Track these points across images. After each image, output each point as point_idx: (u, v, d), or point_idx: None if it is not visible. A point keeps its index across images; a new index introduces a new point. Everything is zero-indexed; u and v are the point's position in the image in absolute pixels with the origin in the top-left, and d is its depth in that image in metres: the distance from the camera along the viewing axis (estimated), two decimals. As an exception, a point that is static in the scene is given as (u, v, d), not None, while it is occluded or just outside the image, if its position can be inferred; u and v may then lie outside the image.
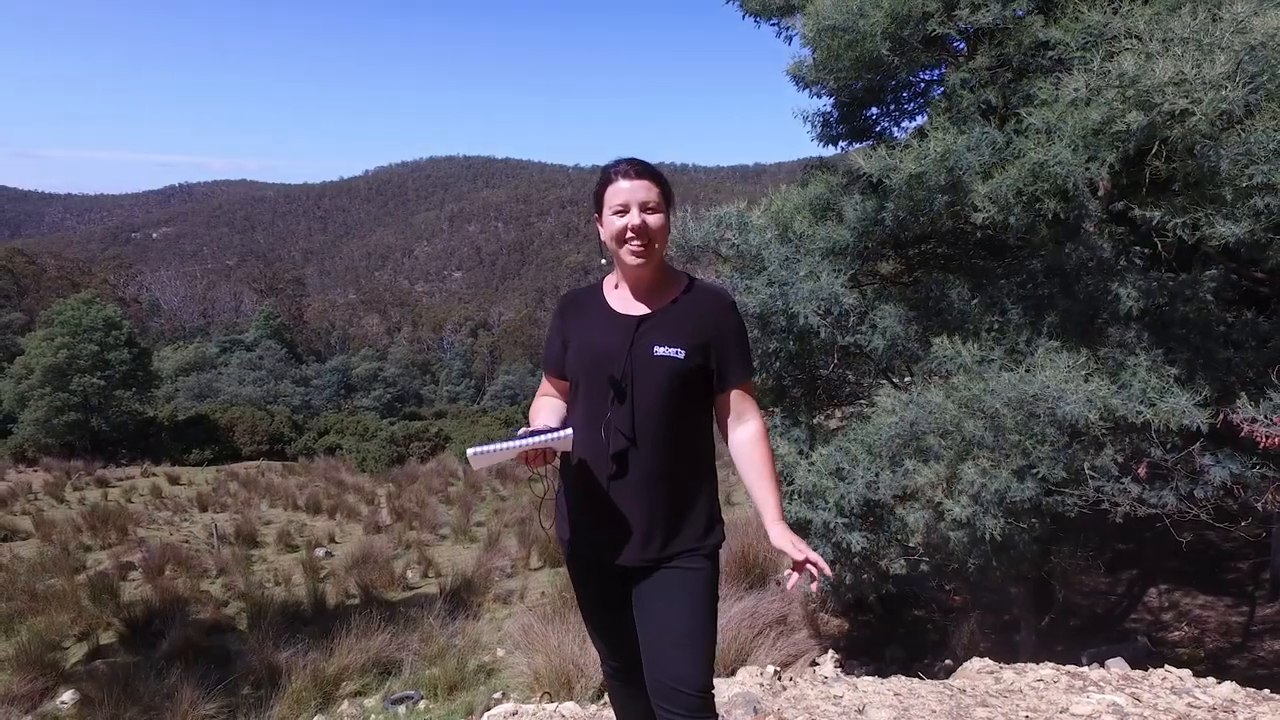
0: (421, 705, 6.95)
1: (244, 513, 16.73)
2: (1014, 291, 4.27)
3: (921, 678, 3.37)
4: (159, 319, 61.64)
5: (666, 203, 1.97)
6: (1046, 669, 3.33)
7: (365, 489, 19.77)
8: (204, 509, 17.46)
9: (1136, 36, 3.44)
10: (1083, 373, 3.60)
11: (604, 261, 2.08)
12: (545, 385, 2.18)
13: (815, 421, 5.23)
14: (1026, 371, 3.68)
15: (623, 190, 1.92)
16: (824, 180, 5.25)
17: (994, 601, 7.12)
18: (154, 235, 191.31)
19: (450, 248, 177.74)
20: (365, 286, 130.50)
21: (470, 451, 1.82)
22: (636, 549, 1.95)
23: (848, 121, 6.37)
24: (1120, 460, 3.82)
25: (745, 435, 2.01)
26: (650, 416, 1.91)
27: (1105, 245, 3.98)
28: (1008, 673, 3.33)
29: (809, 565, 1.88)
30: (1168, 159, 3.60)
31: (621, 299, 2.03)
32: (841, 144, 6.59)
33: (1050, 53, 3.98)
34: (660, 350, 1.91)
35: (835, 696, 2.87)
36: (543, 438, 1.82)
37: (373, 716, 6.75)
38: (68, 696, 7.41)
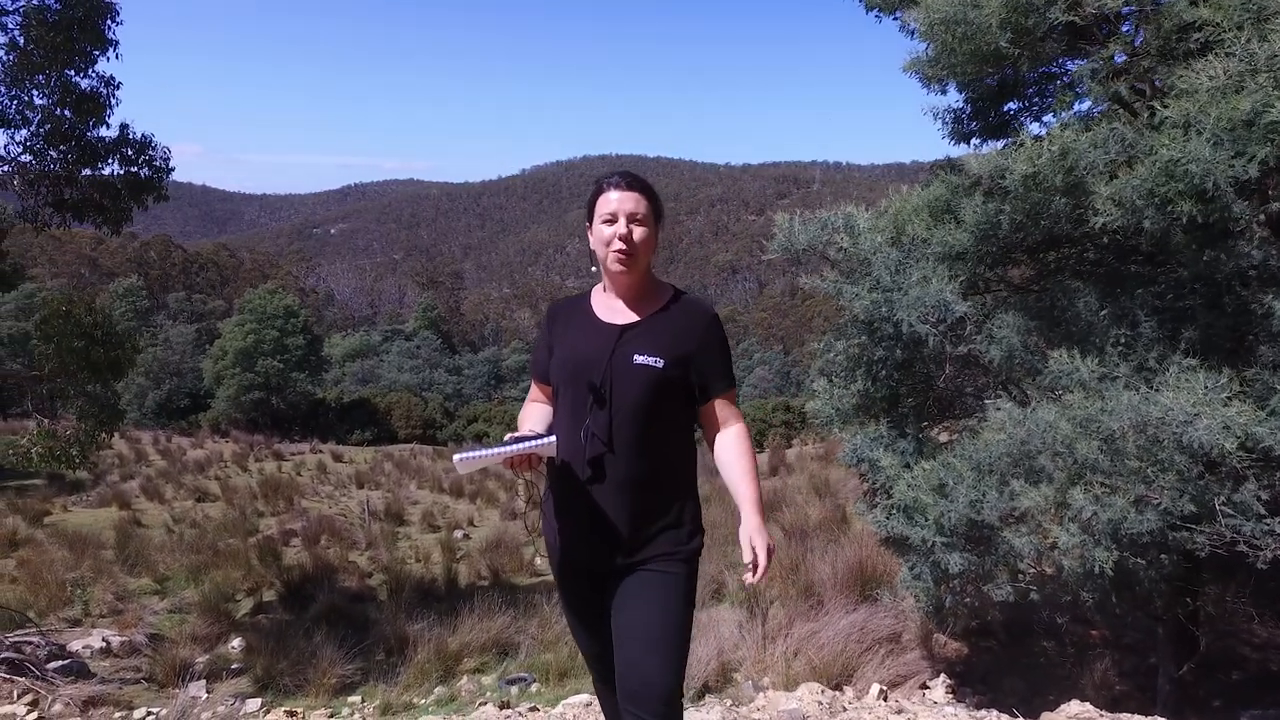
0: (534, 688, 7.20)
1: (395, 492, 18.04)
2: (1149, 303, 3.84)
3: (1015, 714, 3.12)
4: (333, 308, 67.55)
5: (655, 217, 2.04)
6: (1152, 723, 2.98)
7: (505, 476, 20.66)
8: (360, 486, 19.00)
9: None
10: (1223, 395, 3.20)
11: (594, 269, 2.14)
12: (534, 391, 2.26)
13: (923, 435, 4.94)
14: (1154, 391, 3.31)
15: (612, 200, 2.00)
16: (945, 181, 4.94)
17: (1137, 641, 6.44)
18: (332, 231, 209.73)
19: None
20: (519, 281, 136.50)
21: (456, 457, 1.91)
22: (614, 552, 2.00)
23: (982, 118, 5.96)
24: (1266, 498, 3.35)
25: (726, 436, 2.06)
26: (627, 423, 1.95)
27: (1255, 252, 3.50)
28: (1104, 721, 3.02)
29: (753, 564, 1.89)
30: (1332, 154, 3.12)
31: (607, 307, 2.09)
32: (975, 141, 6.18)
33: (1197, 35, 3.55)
34: (640, 359, 1.96)
35: (892, 726, 2.73)
36: (527, 444, 1.89)
37: (489, 694, 7.06)
38: (236, 643, 8.37)
